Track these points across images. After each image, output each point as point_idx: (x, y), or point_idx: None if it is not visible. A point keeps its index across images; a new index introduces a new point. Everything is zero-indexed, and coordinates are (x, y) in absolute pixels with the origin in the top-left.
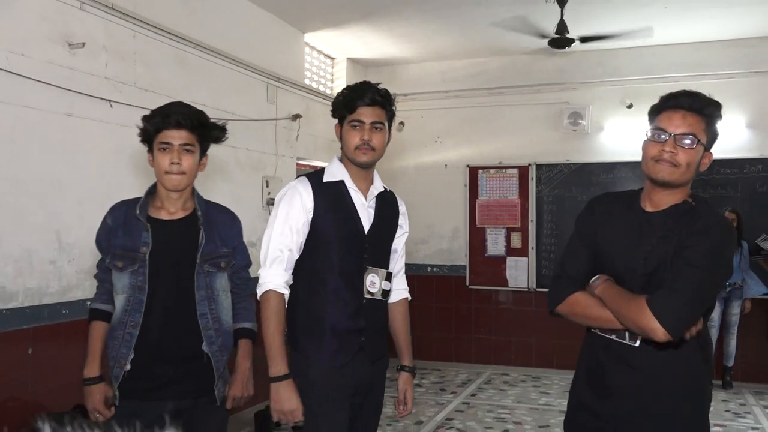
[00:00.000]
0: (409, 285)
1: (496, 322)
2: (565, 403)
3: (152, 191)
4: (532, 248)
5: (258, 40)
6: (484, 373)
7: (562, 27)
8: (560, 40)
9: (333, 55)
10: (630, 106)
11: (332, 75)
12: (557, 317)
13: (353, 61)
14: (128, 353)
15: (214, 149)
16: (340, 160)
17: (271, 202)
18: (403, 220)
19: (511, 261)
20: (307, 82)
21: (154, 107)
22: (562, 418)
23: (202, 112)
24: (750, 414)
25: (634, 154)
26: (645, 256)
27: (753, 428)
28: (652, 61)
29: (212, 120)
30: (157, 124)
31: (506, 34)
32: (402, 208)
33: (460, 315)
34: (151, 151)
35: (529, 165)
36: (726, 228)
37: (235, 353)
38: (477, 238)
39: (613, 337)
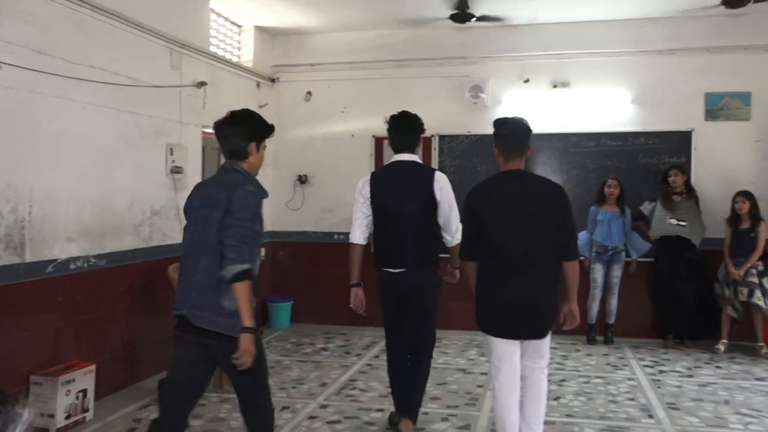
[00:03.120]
0: (315, 252)
1: None
2: (462, 362)
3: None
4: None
5: (160, 4)
6: None
7: (462, 3)
8: (460, 15)
9: (240, 23)
10: (527, 81)
11: (239, 43)
12: None
13: (261, 30)
14: None
15: (113, 116)
16: None
17: (176, 170)
18: None
19: None
20: (213, 49)
21: (49, 71)
22: (459, 375)
23: None
24: (627, 366)
25: (531, 126)
26: None
27: (629, 379)
28: (548, 39)
29: None
30: None
31: (411, 7)
32: None
33: (365, 281)
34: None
35: (432, 136)
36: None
37: None
38: None
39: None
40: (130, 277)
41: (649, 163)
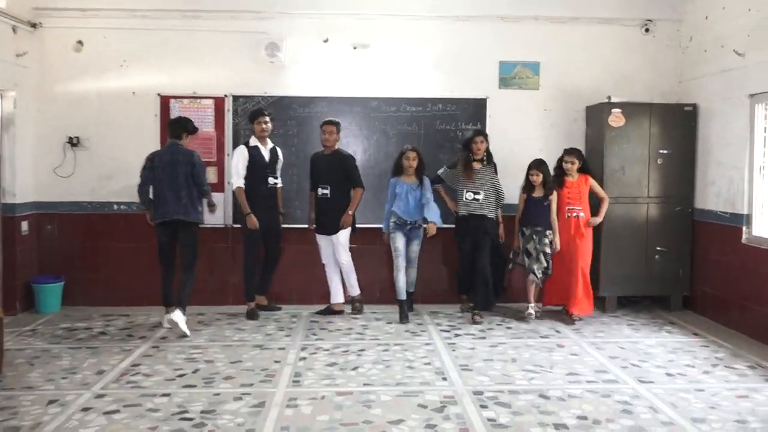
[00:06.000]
0: (91, 225)
1: None
2: (260, 338)
3: None
4: (229, 183)
5: None
6: None
7: None
8: None
9: None
10: (326, 41)
11: None
12: None
13: None
14: None
15: None
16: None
17: None
18: None
19: None
20: None
21: None
22: (256, 352)
23: None
24: (425, 332)
25: (331, 89)
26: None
27: (426, 344)
28: None
29: None
30: None
31: None
32: None
33: (153, 256)
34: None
35: (225, 96)
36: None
37: None
38: None
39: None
40: None
41: (446, 129)
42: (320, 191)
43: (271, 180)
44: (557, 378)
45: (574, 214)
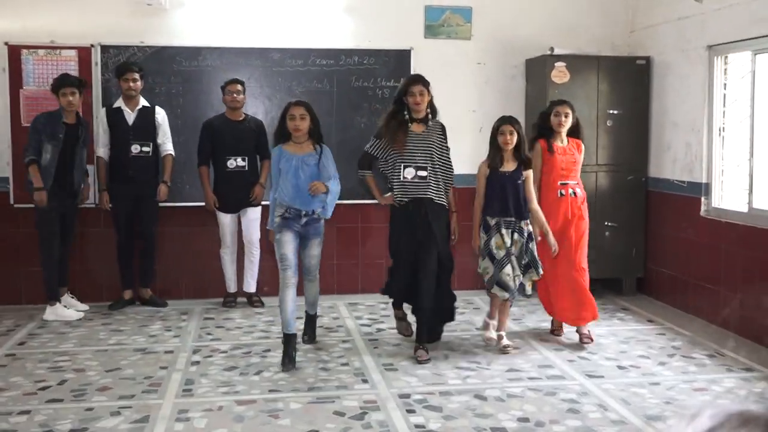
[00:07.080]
0: None
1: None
2: (142, 340)
3: None
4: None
5: None
6: (38, 315)
7: None
8: None
9: None
10: None
11: None
12: None
13: None
14: None
15: None
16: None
17: None
18: None
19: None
20: None
21: None
22: (137, 357)
23: None
24: (342, 327)
25: (224, 38)
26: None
27: (344, 341)
28: None
29: None
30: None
31: None
32: None
33: (5, 244)
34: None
35: (92, 46)
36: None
37: None
38: (24, 140)
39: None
40: None
41: (364, 87)
42: (233, 163)
43: (135, 147)
44: (495, 376)
45: (570, 191)
